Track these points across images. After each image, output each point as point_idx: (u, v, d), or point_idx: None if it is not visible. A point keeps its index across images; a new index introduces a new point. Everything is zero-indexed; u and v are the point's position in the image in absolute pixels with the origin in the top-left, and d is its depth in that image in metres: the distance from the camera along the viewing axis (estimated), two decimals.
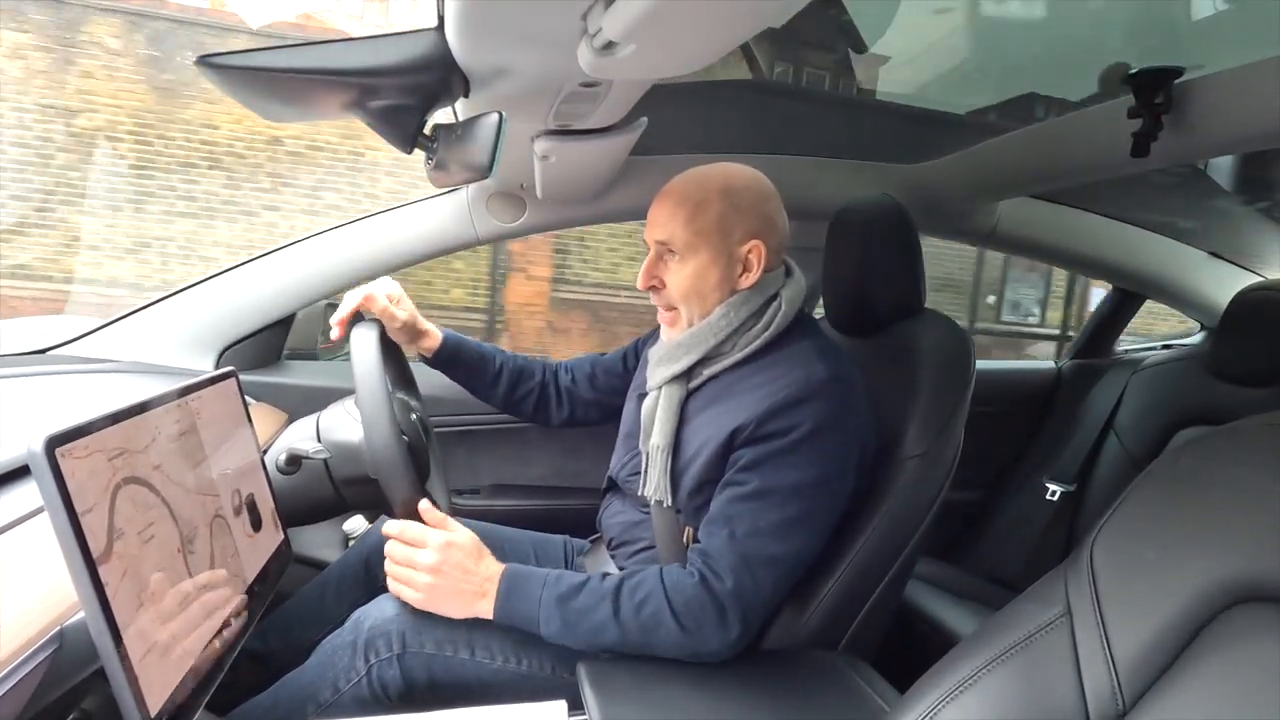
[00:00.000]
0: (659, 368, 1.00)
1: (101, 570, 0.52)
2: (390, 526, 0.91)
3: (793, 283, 0.99)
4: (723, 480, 0.90)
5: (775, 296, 0.97)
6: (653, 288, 0.99)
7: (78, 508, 0.50)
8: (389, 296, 1.11)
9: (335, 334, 1.07)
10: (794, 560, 0.88)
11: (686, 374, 0.98)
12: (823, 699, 0.85)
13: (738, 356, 0.95)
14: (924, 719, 0.56)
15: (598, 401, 1.28)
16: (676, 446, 0.97)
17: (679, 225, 0.94)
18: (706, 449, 0.92)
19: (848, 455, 0.91)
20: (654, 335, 1.14)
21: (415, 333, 1.16)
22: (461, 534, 0.91)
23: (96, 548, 0.52)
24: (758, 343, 0.94)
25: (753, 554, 0.85)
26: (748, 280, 0.96)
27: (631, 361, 1.24)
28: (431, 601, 0.88)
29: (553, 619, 0.86)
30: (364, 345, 0.98)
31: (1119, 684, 0.50)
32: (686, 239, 0.94)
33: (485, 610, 0.87)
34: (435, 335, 1.19)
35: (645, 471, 0.99)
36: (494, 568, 0.90)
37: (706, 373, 0.97)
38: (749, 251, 0.95)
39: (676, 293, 0.96)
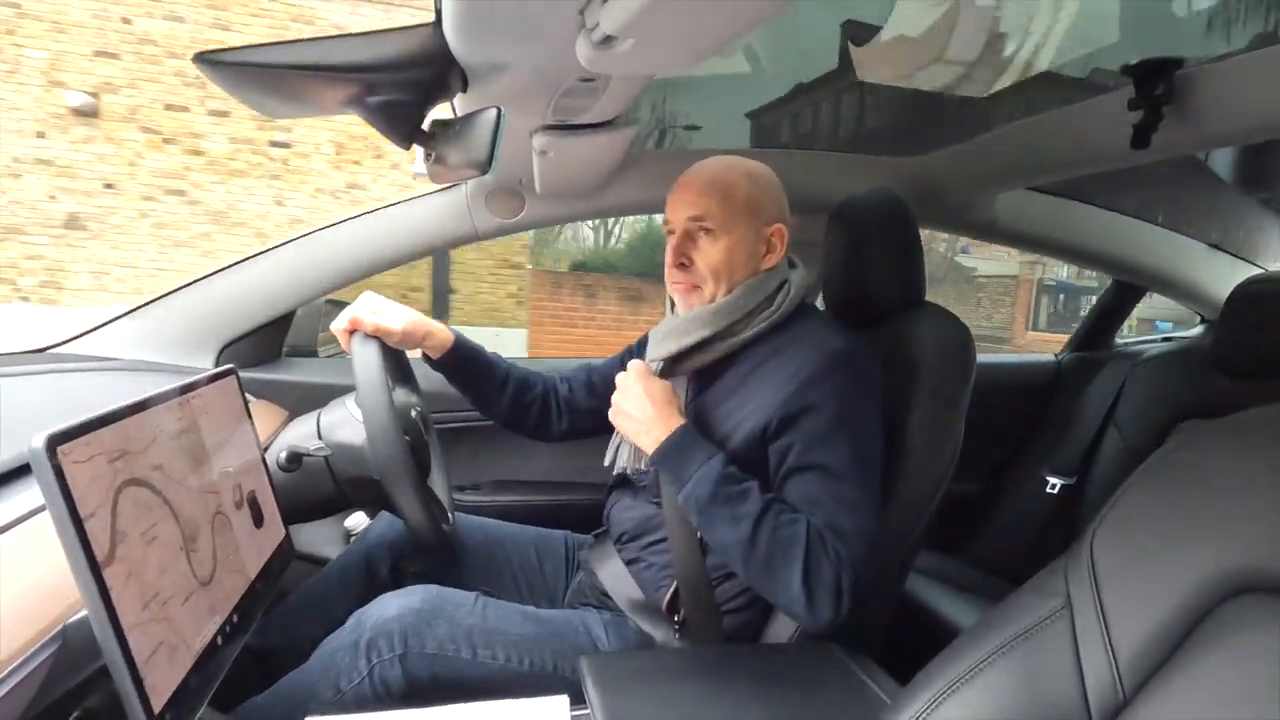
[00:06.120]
0: (667, 340, 1.00)
1: (106, 574, 0.52)
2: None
3: (798, 273, 1.03)
4: (783, 469, 0.90)
5: (785, 283, 1.00)
6: (681, 265, 0.99)
7: (81, 513, 0.50)
8: (374, 311, 1.04)
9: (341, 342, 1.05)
10: (877, 530, 0.88)
11: (692, 357, 0.99)
12: (824, 692, 0.86)
13: (746, 335, 0.97)
14: (925, 712, 0.56)
15: (597, 410, 1.22)
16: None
17: (714, 202, 0.96)
18: (738, 434, 0.93)
19: (880, 421, 0.94)
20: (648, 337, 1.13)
21: (418, 337, 1.10)
22: (662, 383, 0.96)
23: (100, 552, 0.52)
24: (766, 324, 0.97)
25: (854, 530, 0.86)
26: (770, 261, 1.00)
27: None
28: (618, 408, 0.96)
29: (705, 483, 0.87)
30: (365, 347, 0.98)
31: (1119, 675, 0.50)
32: (724, 214, 0.96)
33: (654, 441, 0.91)
34: (445, 334, 1.13)
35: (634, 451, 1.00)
36: (677, 419, 0.93)
37: (710, 355, 0.98)
38: (772, 234, 0.99)
39: (707, 268, 0.98)
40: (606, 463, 1.06)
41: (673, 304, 1.05)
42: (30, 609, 0.56)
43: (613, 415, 0.98)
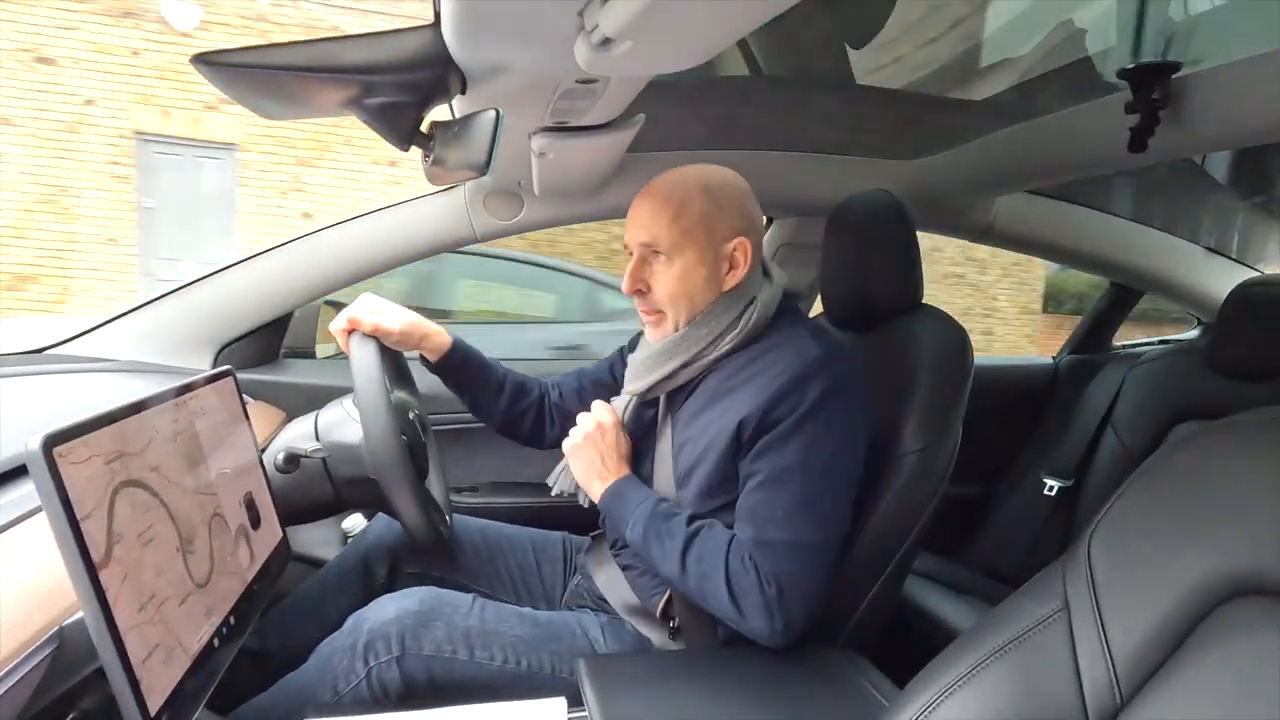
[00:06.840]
0: (638, 377, 1.00)
1: (102, 575, 0.52)
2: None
3: (769, 288, 0.98)
4: (742, 475, 0.90)
5: (753, 301, 0.96)
6: (638, 291, 0.97)
7: (77, 514, 0.50)
8: (372, 312, 1.04)
9: (340, 343, 1.05)
10: (819, 544, 0.87)
11: (661, 385, 0.99)
12: (821, 694, 0.85)
13: (712, 357, 0.95)
14: (922, 714, 0.56)
15: None
16: (680, 450, 0.97)
17: (663, 226, 0.93)
18: (714, 448, 0.92)
19: (852, 427, 0.91)
20: (638, 339, 1.13)
21: (416, 338, 1.09)
22: (618, 435, 1.01)
23: (96, 553, 0.52)
24: (731, 344, 0.94)
25: (779, 543, 0.85)
26: (735, 278, 0.95)
27: (619, 370, 1.19)
28: (573, 453, 1.01)
29: (638, 525, 0.92)
30: (363, 348, 0.98)
31: (1116, 678, 0.50)
32: (672, 239, 0.93)
33: (597, 492, 0.98)
34: (444, 336, 1.12)
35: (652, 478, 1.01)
36: (623, 468, 0.99)
37: (684, 375, 0.97)
38: (734, 249, 0.94)
39: (663, 295, 0.95)
40: (549, 481, 1.10)
41: None
42: (27, 610, 0.55)
43: (568, 449, 1.01)
